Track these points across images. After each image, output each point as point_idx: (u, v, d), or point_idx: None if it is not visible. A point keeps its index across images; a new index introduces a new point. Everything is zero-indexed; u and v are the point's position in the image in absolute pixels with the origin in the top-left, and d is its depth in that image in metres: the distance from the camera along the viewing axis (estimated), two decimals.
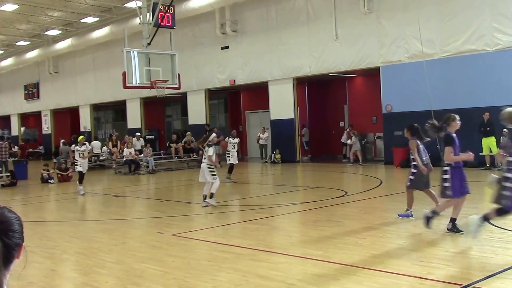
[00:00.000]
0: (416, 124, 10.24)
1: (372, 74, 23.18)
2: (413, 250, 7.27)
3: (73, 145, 17.31)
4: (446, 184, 7.99)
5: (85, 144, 17.01)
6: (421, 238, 8.03)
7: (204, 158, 12.33)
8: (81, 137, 17.59)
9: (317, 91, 27.71)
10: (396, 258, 7.08)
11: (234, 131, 19.80)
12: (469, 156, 8.03)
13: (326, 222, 9.85)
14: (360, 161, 22.37)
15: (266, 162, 25.90)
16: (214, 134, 13.35)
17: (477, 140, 18.46)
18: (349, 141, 23.73)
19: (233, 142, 18.20)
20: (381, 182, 16.20)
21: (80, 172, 16.37)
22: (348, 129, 25.05)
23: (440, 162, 8.56)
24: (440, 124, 8.32)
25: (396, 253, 7.40)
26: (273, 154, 25.83)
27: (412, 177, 9.66)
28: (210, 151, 12.03)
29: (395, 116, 21.34)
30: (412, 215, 9.58)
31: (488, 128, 18.06)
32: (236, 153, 18.38)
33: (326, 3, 23.16)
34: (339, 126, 27.11)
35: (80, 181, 16.34)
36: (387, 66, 21.56)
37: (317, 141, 27.54)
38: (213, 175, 12.06)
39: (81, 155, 16.40)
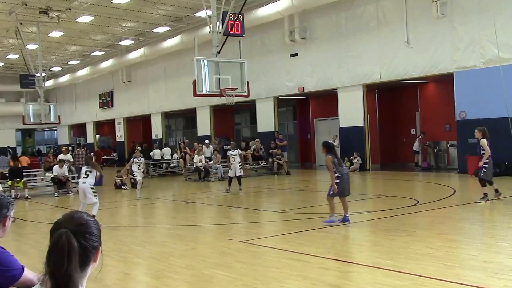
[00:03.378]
0: (330, 141, 11.89)
1: (445, 80, 22.56)
2: (489, 262, 6.99)
3: (132, 158, 18.08)
4: None
5: (142, 157, 18.26)
6: (497, 250, 7.72)
7: (84, 177, 11.89)
8: (138, 149, 18.95)
9: (388, 98, 27.22)
10: (470, 269, 6.84)
11: (233, 142, 19.95)
12: None
13: (397, 231, 9.63)
14: None
15: None
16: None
17: None
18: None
19: (232, 154, 18.20)
20: (454, 191, 15.71)
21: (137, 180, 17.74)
22: (420, 137, 24.47)
23: None
24: None
25: (470, 264, 7.15)
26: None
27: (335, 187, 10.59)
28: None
29: (469, 123, 20.65)
30: (335, 221, 10.36)
31: None
32: (239, 164, 18.10)
33: (397, 8, 22.77)
34: (410, 134, 26.52)
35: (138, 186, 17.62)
36: (461, 72, 20.92)
37: (388, 149, 27.04)
38: (95, 195, 11.97)
39: (139, 167, 17.49)
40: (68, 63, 43.90)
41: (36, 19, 28.60)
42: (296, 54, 27.35)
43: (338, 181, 10.63)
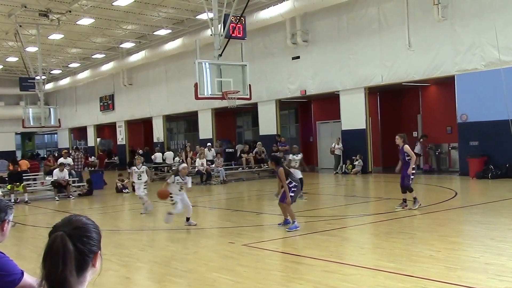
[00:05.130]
0: (278, 154, 12.51)
1: (446, 83, 22.57)
2: (490, 264, 6.99)
3: (132, 167, 15.60)
4: None
5: (143, 165, 15.59)
6: (498, 252, 7.71)
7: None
8: (138, 157, 16.17)
9: (389, 100, 27.22)
10: (472, 271, 6.84)
11: (296, 146, 17.63)
12: None
13: (398, 234, 9.64)
14: None
15: (337, 173, 25.62)
16: (183, 165, 12.48)
17: None
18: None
19: (296, 160, 16.24)
20: (456, 194, 15.71)
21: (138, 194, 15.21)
22: (421, 139, 24.46)
23: None
24: None
25: (472, 266, 7.15)
26: (344, 165, 25.57)
27: (292, 194, 10.83)
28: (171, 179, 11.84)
29: (470, 125, 20.67)
30: (299, 226, 10.46)
31: None
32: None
33: (398, 11, 22.80)
34: (412, 136, 26.50)
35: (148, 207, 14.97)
36: (462, 74, 20.93)
37: (389, 152, 26.98)
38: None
39: (139, 177, 14.96)
40: (69, 65, 43.91)
41: (36, 22, 28.60)
42: (298, 57, 27.37)
43: (295, 189, 11.02)
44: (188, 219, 11.82)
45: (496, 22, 19.63)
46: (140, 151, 30.71)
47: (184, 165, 12.16)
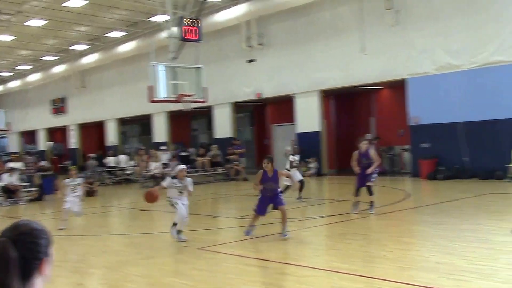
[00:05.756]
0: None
1: (399, 86, 23.00)
2: (441, 263, 7.15)
3: (66, 179, 12.81)
4: None
5: (80, 176, 13.36)
6: (448, 251, 7.89)
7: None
8: (73, 167, 13.55)
9: (344, 103, 27.59)
10: (423, 270, 6.98)
11: (296, 146, 17.12)
12: None
13: (352, 235, 9.76)
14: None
15: None
16: (181, 166, 10.55)
17: (505, 151, 18.16)
18: None
19: (297, 160, 15.90)
20: (408, 195, 16.01)
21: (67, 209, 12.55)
22: (374, 142, 24.85)
23: None
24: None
25: (423, 265, 7.29)
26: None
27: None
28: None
29: (422, 128, 21.13)
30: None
31: None
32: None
33: (353, 16, 23.12)
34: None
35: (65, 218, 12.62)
36: (413, 78, 21.38)
37: (344, 154, 27.32)
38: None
39: (74, 190, 12.56)
40: (19, 68, 42.80)
41: None
42: (253, 60, 27.44)
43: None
44: (179, 232, 9.96)
45: (446, 27, 20.17)
46: (92, 156, 30.07)
47: (182, 166, 10.44)
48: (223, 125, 29.45)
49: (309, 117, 25.31)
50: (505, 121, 18.69)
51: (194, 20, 19.02)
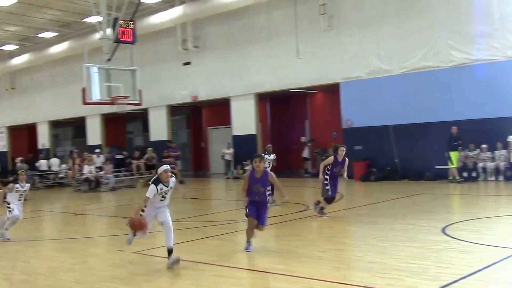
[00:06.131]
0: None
1: (332, 90, 23.49)
2: (373, 262, 7.36)
3: (12, 183, 11.28)
4: None
5: (27, 182, 11.69)
6: (380, 250, 8.13)
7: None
8: (21, 172, 11.79)
9: (279, 106, 27.91)
10: (357, 270, 7.17)
11: (270, 145, 16.64)
12: None
13: (288, 237, 9.90)
14: None
15: (229, 178, 25.86)
16: (165, 166, 8.05)
17: (438, 152, 18.86)
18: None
19: (269, 160, 15.09)
20: (342, 196, 16.35)
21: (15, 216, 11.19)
22: (309, 144, 25.26)
23: None
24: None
25: (356, 265, 7.49)
26: (235, 170, 25.85)
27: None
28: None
29: (355, 131, 21.65)
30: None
31: (457, 142, 18.15)
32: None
33: (287, 20, 23.41)
34: (300, 141, 27.31)
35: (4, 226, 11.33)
36: (346, 82, 21.89)
37: (279, 156, 27.55)
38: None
39: (20, 197, 11.21)
40: None
41: None
42: (189, 63, 27.34)
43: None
44: (170, 252, 7.72)
45: (378, 33, 20.81)
46: (19, 159, 28.85)
47: (166, 167, 8.02)
48: (159, 128, 29.20)
49: (245, 120, 25.45)
50: (434, 124, 19.47)
51: (129, 22, 18.77)
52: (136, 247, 9.42)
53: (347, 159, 11.87)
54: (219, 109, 28.52)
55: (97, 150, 27.42)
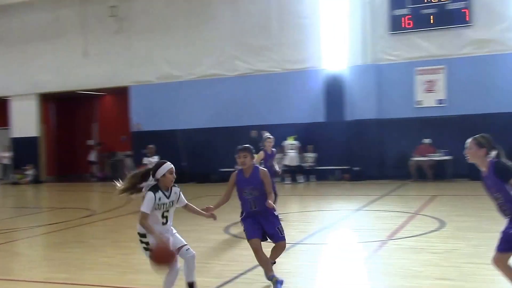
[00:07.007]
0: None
1: (122, 93, 23.18)
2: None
3: None
4: None
5: None
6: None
7: None
8: None
9: (66, 108, 26.73)
10: (143, 273, 7.12)
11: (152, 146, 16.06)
12: None
13: (73, 243, 9.48)
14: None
15: (6, 183, 24.03)
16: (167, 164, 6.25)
17: (219, 156, 19.56)
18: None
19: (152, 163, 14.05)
20: (131, 199, 16.17)
21: None
22: (96, 147, 24.60)
23: None
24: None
25: (142, 268, 7.42)
26: (14, 175, 24.12)
27: None
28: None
29: (144, 134, 21.58)
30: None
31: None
32: None
33: (76, 20, 22.59)
34: (87, 145, 26.45)
35: None
36: (136, 86, 21.78)
37: (65, 160, 26.45)
38: None
39: None
40: None
41: None
42: None
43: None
44: (191, 285, 5.66)
45: (167, 39, 21.11)
46: None
47: (170, 165, 6.08)
48: None
49: (26, 121, 23.96)
50: (221, 129, 20.27)
51: None
52: None
53: (274, 149, 10.99)
54: None
55: None
